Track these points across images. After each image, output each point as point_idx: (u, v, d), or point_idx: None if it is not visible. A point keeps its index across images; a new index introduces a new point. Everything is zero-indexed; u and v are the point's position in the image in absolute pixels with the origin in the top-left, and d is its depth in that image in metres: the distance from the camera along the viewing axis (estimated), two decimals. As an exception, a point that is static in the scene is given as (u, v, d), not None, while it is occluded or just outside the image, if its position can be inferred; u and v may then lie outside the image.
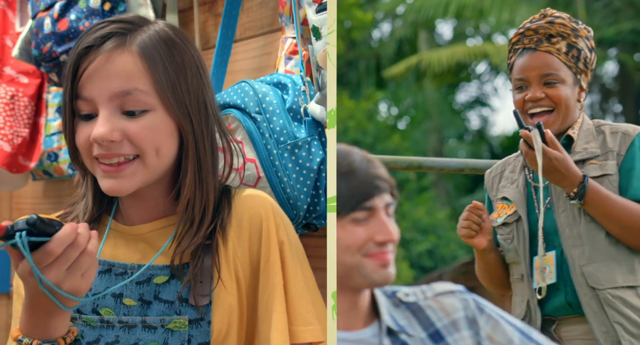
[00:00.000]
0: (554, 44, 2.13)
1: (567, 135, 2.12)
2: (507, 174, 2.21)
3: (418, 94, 15.06)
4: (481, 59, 13.52)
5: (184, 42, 1.60)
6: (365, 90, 14.60)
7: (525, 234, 2.11)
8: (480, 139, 16.10)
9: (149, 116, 1.54)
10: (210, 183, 1.60)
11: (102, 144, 1.52)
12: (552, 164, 2.00)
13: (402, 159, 3.01)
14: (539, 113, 2.12)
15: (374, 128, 13.45)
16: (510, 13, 12.78)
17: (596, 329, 1.99)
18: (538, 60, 2.13)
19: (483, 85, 16.12)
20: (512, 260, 2.14)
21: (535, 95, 2.11)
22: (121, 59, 1.53)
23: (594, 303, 2.00)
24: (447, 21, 15.46)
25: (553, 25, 2.14)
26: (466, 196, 14.73)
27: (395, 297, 1.44)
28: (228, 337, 1.56)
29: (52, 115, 2.76)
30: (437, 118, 15.10)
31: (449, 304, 1.43)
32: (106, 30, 1.55)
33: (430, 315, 1.42)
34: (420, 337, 1.40)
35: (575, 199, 2.01)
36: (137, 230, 1.62)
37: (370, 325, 1.40)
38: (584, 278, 2.01)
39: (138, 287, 1.56)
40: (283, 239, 1.61)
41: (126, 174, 1.53)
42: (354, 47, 15.35)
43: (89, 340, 1.55)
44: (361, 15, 14.37)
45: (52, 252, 1.36)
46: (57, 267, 1.37)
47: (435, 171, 3.04)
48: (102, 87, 1.52)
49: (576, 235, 2.04)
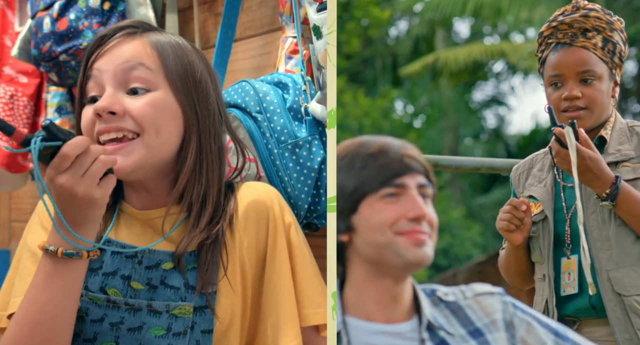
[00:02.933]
0: (590, 38, 2.08)
1: (600, 136, 2.08)
2: (535, 172, 2.17)
3: (434, 93, 15.02)
4: (498, 58, 13.49)
5: (197, 52, 1.67)
6: (381, 88, 14.57)
7: (550, 233, 2.07)
8: (496, 138, 16.04)
9: (152, 95, 1.58)
10: (214, 176, 1.62)
11: (104, 115, 1.55)
12: (585, 163, 1.95)
13: (417, 157, 3.00)
14: (572, 109, 2.07)
15: (389, 126, 13.43)
16: (529, 12, 12.72)
17: (619, 335, 1.96)
18: (574, 56, 2.08)
19: (500, 84, 16.07)
20: (537, 259, 2.11)
21: (572, 93, 2.06)
22: (132, 43, 1.61)
23: (619, 309, 1.97)
24: (465, 19, 15.42)
25: (588, 18, 2.08)
26: (481, 195, 14.70)
27: (434, 296, 1.43)
28: (231, 326, 1.59)
29: (52, 115, 2.76)
30: (453, 117, 15.05)
31: (489, 305, 1.42)
32: (122, 24, 1.64)
33: (470, 315, 1.41)
34: (460, 333, 1.39)
35: (606, 200, 1.97)
36: (147, 215, 1.64)
37: (410, 320, 1.38)
38: (610, 283, 1.98)
39: (147, 271, 1.59)
40: (289, 220, 1.65)
41: (125, 152, 1.56)
42: (370, 45, 15.33)
43: (94, 318, 1.57)
44: (378, 13, 14.34)
45: (67, 155, 1.40)
46: (71, 172, 1.41)
47: (452, 170, 3.03)
48: (109, 62, 1.59)
49: (604, 238, 2.00)
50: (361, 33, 14.55)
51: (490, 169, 2.97)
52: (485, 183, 14.85)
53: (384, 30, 15.60)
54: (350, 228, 1.37)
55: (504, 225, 2.08)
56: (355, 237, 1.37)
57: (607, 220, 2.01)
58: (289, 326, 1.59)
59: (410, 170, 1.36)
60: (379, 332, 1.36)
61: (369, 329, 1.36)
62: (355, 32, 14.15)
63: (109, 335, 1.57)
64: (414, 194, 1.36)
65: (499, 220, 2.09)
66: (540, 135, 14.80)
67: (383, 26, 15.21)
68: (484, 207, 14.18)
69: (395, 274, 1.37)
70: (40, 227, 1.65)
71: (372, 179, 1.35)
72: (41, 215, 1.66)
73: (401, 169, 1.36)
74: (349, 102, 13.13)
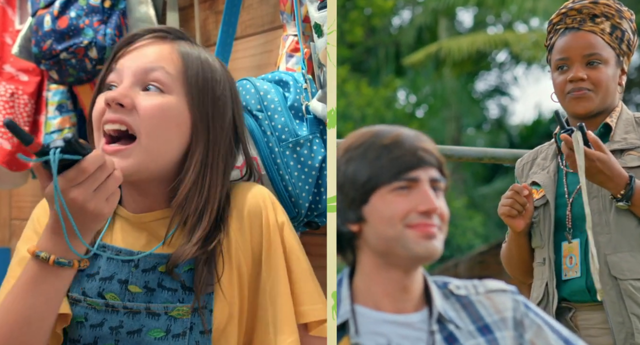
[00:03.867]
0: (598, 24, 2.08)
1: (605, 123, 2.08)
2: (539, 161, 2.18)
3: (437, 82, 14.99)
4: (502, 48, 13.47)
5: (224, 71, 1.68)
6: (384, 78, 14.55)
7: (551, 218, 2.07)
8: (499, 128, 16.02)
9: (164, 98, 1.59)
10: (216, 192, 1.62)
11: (112, 105, 1.57)
12: (596, 165, 1.95)
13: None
14: (577, 90, 2.07)
15: (392, 116, 13.41)
16: (533, 2, 12.71)
17: (612, 319, 1.97)
18: (581, 40, 2.08)
19: (503, 74, 16.04)
20: (537, 244, 2.11)
21: (577, 75, 2.06)
22: (160, 46, 1.63)
23: (614, 293, 1.97)
24: (468, 9, 15.37)
25: (597, 5, 2.09)
26: (483, 186, 14.70)
27: (446, 289, 1.43)
28: (228, 326, 1.61)
29: (52, 113, 2.75)
30: (456, 106, 15.03)
31: (501, 302, 1.42)
32: (158, 27, 1.69)
33: (480, 310, 1.42)
34: (469, 329, 1.39)
35: (622, 201, 1.97)
36: (141, 219, 1.65)
37: (420, 311, 1.39)
38: (607, 267, 1.98)
39: (144, 274, 1.60)
40: (283, 219, 1.66)
41: (124, 154, 1.56)
42: (373, 34, 15.30)
43: (93, 323, 1.59)
44: (381, 2, 14.30)
45: (86, 170, 1.41)
46: (86, 186, 1.42)
47: (454, 160, 3.02)
48: (134, 60, 1.62)
49: (604, 223, 2.01)
50: (364, 22, 14.51)
51: (492, 159, 2.97)
52: (488, 173, 14.84)
53: (387, 19, 15.56)
54: (360, 218, 1.37)
55: (505, 210, 2.08)
56: (366, 228, 1.37)
57: (607, 205, 2.02)
58: (286, 324, 1.60)
59: (424, 164, 1.36)
60: (388, 321, 1.37)
61: (378, 318, 1.37)
62: (359, 21, 14.12)
63: (109, 340, 1.58)
64: (426, 187, 1.36)
65: (500, 206, 2.10)
66: (542, 126, 14.80)
67: (386, 15, 15.17)
68: (486, 197, 14.18)
69: (404, 266, 1.37)
70: (34, 233, 1.65)
71: (386, 171, 1.35)
72: (36, 222, 1.67)
73: (415, 162, 1.35)
74: (352, 92, 13.11)
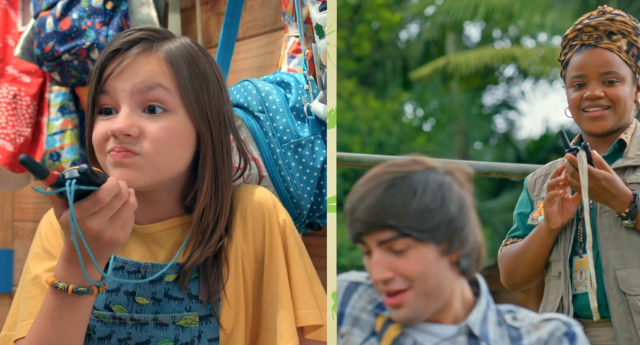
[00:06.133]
0: (615, 41, 2.08)
1: (620, 139, 2.07)
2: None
3: (444, 96, 14.99)
4: (509, 62, 13.44)
5: (207, 57, 1.65)
6: (391, 91, 14.55)
7: (572, 231, 2.06)
8: (506, 142, 15.98)
9: (169, 117, 1.57)
10: (227, 194, 1.62)
11: (119, 137, 1.54)
12: (601, 184, 1.95)
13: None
14: (594, 109, 2.06)
15: (399, 129, 13.39)
16: (541, 16, 12.69)
17: (619, 335, 1.96)
18: (598, 58, 2.07)
19: (510, 88, 16.02)
20: (553, 258, 2.10)
21: (594, 93, 2.06)
22: (147, 60, 1.58)
23: (622, 308, 1.96)
24: (476, 23, 15.38)
25: (614, 22, 2.09)
26: (490, 200, 14.64)
27: (501, 316, 1.42)
28: (235, 331, 1.61)
29: (54, 114, 2.76)
30: (463, 120, 15.01)
31: (544, 327, 1.41)
32: (134, 35, 1.60)
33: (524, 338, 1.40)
34: None
35: (627, 219, 1.97)
36: (147, 230, 1.64)
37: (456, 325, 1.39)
38: (616, 282, 1.97)
39: (151, 286, 1.59)
40: (284, 221, 1.65)
41: (135, 166, 1.54)
42: (381, 48, 15.32)
43: (101, 336, 1.58)
44: (389, 16, 14.32)
45: (101, 201, 1.41)
46: (101, 216, 1.41)
47: (461, 174, 3.02)
48: (126, 81, 1.56)
49: (615, 237, 2.00)
50: (372, 36, 14.53)
51: (500, 173, 2.97)
52: (495, 187, 14.79)
53: (394, 33, 15.58)
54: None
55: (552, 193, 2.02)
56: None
57: (618, 220, 2.00)
58: (286, 328, 1.60)
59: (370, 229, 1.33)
60: (424, 330, 1.37)
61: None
62: (366, 35, 14.13)
63: None
64: (376, 256, 1.34)
65: (550, 183, 2.05)
66: (550, 140, 14.76)
67: (394, 29, 15.19)
68: (493, 211, 14.13)
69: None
70: (43, 251, 1.64)
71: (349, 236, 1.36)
72: (44, 238, 1.66)
73: (362, 227, 1.33)
74: (359, 105, 13.11)
